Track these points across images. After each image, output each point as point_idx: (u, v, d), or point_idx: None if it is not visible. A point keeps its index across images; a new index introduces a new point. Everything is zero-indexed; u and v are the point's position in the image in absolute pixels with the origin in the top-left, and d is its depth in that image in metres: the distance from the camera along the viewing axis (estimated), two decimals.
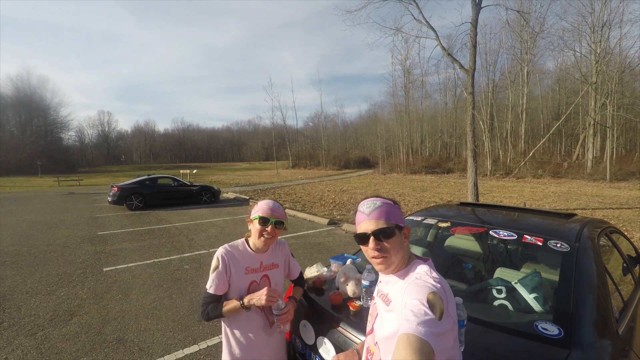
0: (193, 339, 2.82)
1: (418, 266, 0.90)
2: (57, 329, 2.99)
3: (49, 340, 2.80)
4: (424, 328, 0.68)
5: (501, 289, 1.48)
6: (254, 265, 1.37)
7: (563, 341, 1.10)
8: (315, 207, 10.37)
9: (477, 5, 8.37)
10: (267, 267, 1.41)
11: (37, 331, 2.95)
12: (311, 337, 1.50)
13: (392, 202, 0.96)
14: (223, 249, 1.33)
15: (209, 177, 27.48)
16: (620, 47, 19.89)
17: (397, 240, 0.91)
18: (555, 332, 1.15)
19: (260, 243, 1.33)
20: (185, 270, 4.59)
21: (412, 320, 0.70)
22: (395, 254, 0.91)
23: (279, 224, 1.33)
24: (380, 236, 0.90)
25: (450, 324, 0.73)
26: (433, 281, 0.81)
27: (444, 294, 0.77)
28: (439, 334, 0.69)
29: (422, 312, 0.71)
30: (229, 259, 1.31)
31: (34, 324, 3.08)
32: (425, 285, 0.79)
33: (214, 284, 1.28)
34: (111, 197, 10.41)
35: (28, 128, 50.45)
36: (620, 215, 8.01)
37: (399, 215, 0.96)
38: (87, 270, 4.61)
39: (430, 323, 0.69)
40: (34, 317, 3.21)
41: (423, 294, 0.76)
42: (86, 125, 78.00)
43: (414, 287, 0.81)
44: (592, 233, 1.66)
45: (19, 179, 29.67)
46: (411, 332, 0.68)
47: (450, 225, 1.99)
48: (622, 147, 24.24)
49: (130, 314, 3.29)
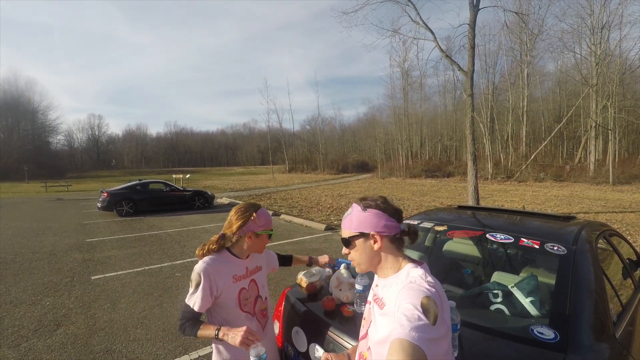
0: (184, 348, 2.75)
1: (412, 269, 0.88)
2: (41, 339, 2.88)
3: (33, 351, 2.69)
4: (417, 333, 0.66)
5: (497, 293, 1.46)
6: (240, 272, 1.33)
7: (559, 345, 1.09)
8: (312, 212, 10.28)
9: (475, 6, 8.45)
10: (252, 271, 1.38)
11: (20, 342, 2.83)
12: (303, 344, 1.47)
13: (360, 209, 0.95)
14: (204, 264, 1.23)
15: (203, 182, 27.18)
16: (620, 49, 19.90)
17: (360, 248, 0.93)
18: (551, 336, 1.13)
19: (257, 252, 1.33)
20: (177, 278, 4.49)
21: (406, 325, 0.68)
22: (360, 259, 0.94)
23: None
24: (345, 244, 0.97)
25: (444, 329, 0.71)
26: (428, 285, 0.79)
27: (438, 298, 0.76)
28: (433, 339, 0.67)
29: (416, 317, 0.69)
30: (213, 273, 1.23)
31: (17, 334, 2.97)
32: (420, 289, 0.77)
33: (196, 300, 1.21)
34: (101, 202, 10.19)
35: (15, 132, 49.26)
36: (624, 219, 8.02)
37: (368, 221, 0.92)
38: (75, 278, 4.48)
39: (423, 328, 0.67)
40: (18, 328, 3.09)
41: (417, 298, 0.74)
42: (75, 129, 76.28)
43: (408, 290, 0.79)
44: (590, 236, 1.66)
45: (5, 185, 28.93)
46: (404, 338, 0.66)
47: (447, 229, 1.98)
48: (625, 149, 24.26)
49: (119, 323, 3.18)
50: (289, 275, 4.27)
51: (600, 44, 19.30)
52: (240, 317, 1.30)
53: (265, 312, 1.41)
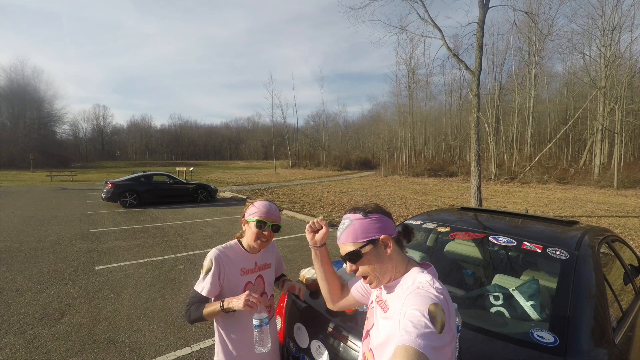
0: (185, 340, 2.79)
1: (419, 274, 0.87)
2: (46, 327, 2.94)
3: (38, 339, 2.75)
4: (423, 341, 0.65)
5: (498, 296, 1.47)
6: (249, 265, 1.36)
7: (558, 349, 1.10)
8: (314, 208, 10.28)
9: (485, 5, 8.33)
10: (261, 267, 1.40)
11: (26, 330, 2.89)
12: (305, 341, 1.49)
13: (360, 216, 0.90)
14: (217, 251, 1.30)
15: (206, 176, 27.30)
16: (630, 52, 19.54)
17: (372, 257, 0.87)
18: (550, 340, 1.14)
19: (256, 245, 1.32)
20: (180, 270, 4.54)
21: (412, 332, 0.67)
22: (374, 270, 0.88)
23: (275, 227, 1.32)
24: (352, 259, 0.88)
25: (450, 337, 0.71)
26: (435, 292, 0.78)
27: (446, 306, 0.75)
28: (438, 347, 0.66)
29: (423, 324, 0.69)
30: (224, 261, 1.29)
31: (23, 322, 3.03)
32: (427, 295, 0.76)
33: (205, 286, 1.25)
34: (105, 193, 10.28)
35: (21, 120, 49.57)
36: (627, 224, 7.95)
37: (372, 226, 0.89)
38: (79, 268, 4.54)
39: (430, 336, 0.67)
40: (24, 315, 3.15)
41: (424, 305, 0.73)
42: (81, 119, 76.58)
43: (415, 296, 0.78)
44: (592, 241, 1.66)
45: (11, 173, 29.23)
46: (409, 345, 0.65)
47: (449, 230, 1.98)
48: (630, 153, 24.06)
49: (122, 314, 3.24)
50: (290, 272, 4.30)
51: (611, 46, 18.99)
52: (243, 310, 1.32)
53: (269, 309, 1.42)
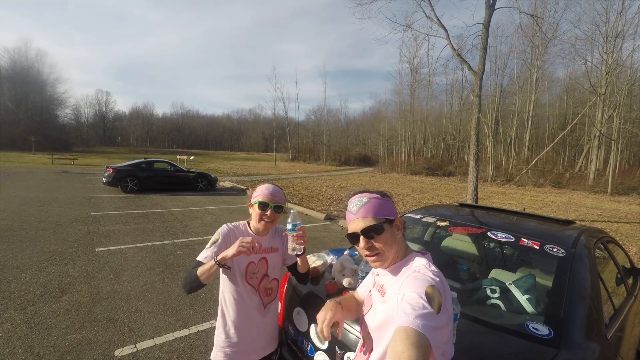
0: (183, 323, 2.84)
1: (416, 258, 0.90)
2: (47, 305, 2.98)
3: (39, 315, 2.80)
4: (421, 321, 0.67)
5: (495, 289, 1.50)
6: None
7: (553, 341, 1.13)
8: (312, 201, 10.37)
9: (491, 6, 8.31)
10: (266, 249, 1.42)
11: (26, 306, 2.94)
12: (304, 324, 1.52)
13: (378, 196, 0.94)
14: (226, 226, 1.37)
15: (206, 165, 27.26)
16: (632, 60, 19.57)
17: (389, 235, 0.90)
18: (545, 332, 1.17)
19: (260, 226, 1.36)
20: (179, 255, 4.58)
21: (410, 313, 0.69)
22: (388, 249, 0.90)
23: (278, 208, 1.35)
24: (371, 234, 0.89)
25: (447, 318, 0.73)
26: (432, 274, 0.80)
27: (442, 287, 0.77)
28: (437, 327, 0.68)
29: (421, 305, 0.71)
30: (230, 237, 1.34)
31: (23, 298, 3.07)
32: (424, 278, 0.79)
33: (207, 254, 1.28)
34: (106, 178, 10.29)
35: (24, 103, 49.24)
36: (619, 229, 8.05)
37: (389, 207, 0.93)
38: (79, 249, 4.58)
39: (428, 316, 0.69)
40: (24, 292, 3.19)
41: (422, 287, 0.75)
42: (83, 103, 76.18)
43: (412, 280, 0.80)
44: (589, 241, 1.69)
45: (12, 154, 29.16)
46: (409, 325, 0.67)
47: (448, 225, 2.00)
48: (626, 161, 24.26)
49: (122, 294, 3.28)
50: None
51: (613, 53, 19.00)
52: (244, 289, 1.35)
53: (270, 292, 1.45)
